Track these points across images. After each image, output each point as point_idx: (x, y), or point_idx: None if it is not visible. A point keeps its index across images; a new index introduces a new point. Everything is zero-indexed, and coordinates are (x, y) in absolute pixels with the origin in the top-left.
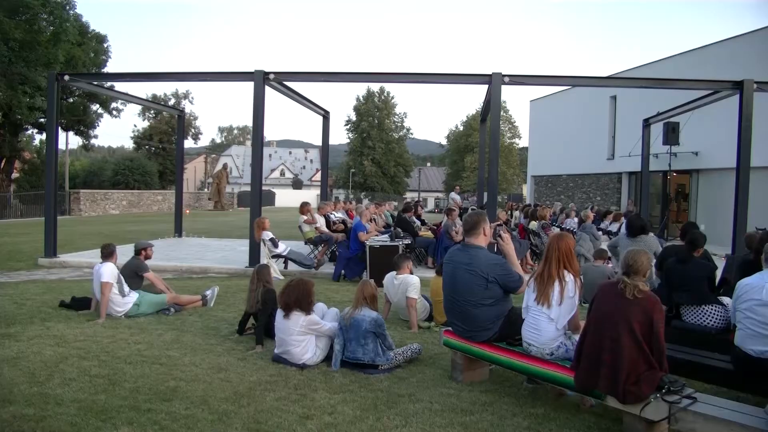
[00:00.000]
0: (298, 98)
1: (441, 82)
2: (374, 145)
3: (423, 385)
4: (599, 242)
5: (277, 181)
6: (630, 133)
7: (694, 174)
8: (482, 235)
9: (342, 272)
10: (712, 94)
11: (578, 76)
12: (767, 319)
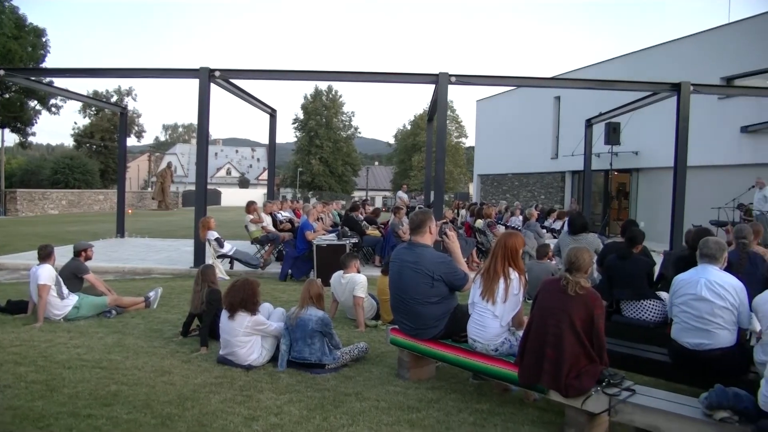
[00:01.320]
0: (245, 96)
1: (388, 81)
2: (322, 143)
3: (370, 384)
4: (543, 240)
5: (224, 180)
6: (573, 133)
7: (634, 173)
8: (428, 234)
9: (289, 272)
10: (651, 96)
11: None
12: (702, 312)
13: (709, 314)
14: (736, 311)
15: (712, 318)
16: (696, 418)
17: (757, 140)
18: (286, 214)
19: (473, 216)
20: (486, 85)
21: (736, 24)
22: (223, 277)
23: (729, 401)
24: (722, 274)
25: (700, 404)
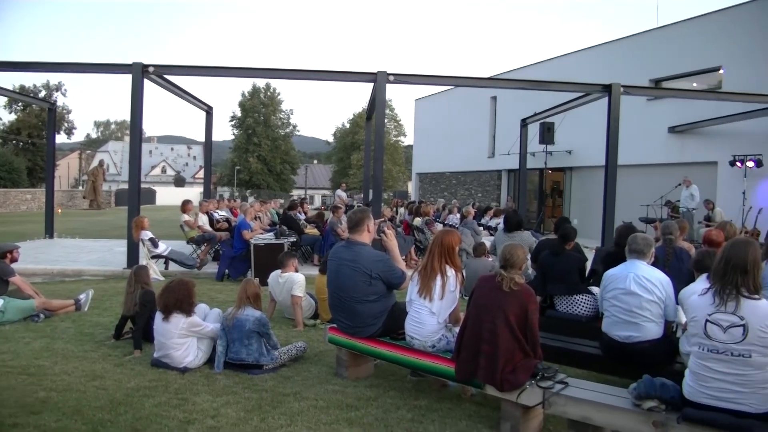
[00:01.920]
0: (180, 93)
1: (327, 80)
2: (260, 141)
3: (308, 383)
4: (480, 237)
5: (158, 178)
6: (509, 133)
7: (568, 171)
8: (366, 232)
9: (226, 272)
10: (584, 96)
11: (461, 76)
12: (631, 306)
13: (637, 308)
14: (663, 304)
15: (640, 311)
16: (625, 408)
17: (684, 140)
18: (223, 213)
19: (412, 214)
20: (424, 85)
21: (664, 28)
22: (158, 278)
23: (656, 391)
24: (649, 269)
25: (629, 395)
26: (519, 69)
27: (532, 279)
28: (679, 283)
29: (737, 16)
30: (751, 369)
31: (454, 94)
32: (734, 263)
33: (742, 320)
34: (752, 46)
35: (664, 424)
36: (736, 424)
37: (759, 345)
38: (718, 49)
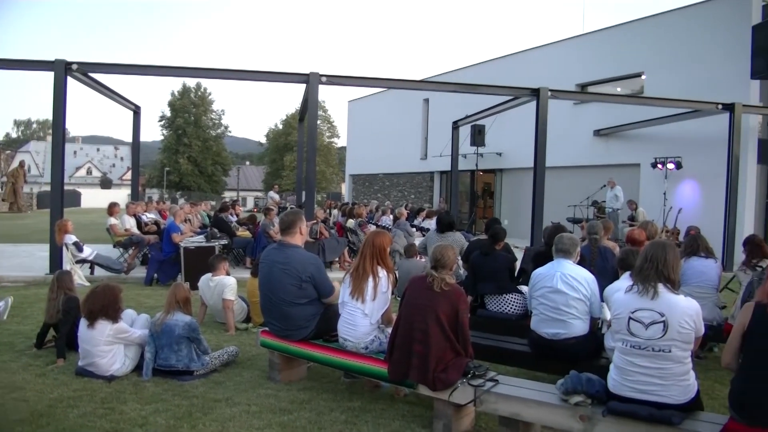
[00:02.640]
0: (106, 92)
1: (259, 80)
2: (190, 142)
3: (240, 388)
4: (413, 238)
5: (84, 180)
6: (441, 135)
7: (498, 173)
8: (299, 234)
9: (155, 276)
10: (513, 100)
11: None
12: (558, 304)
13: (564, 305)
14: (589, 302)
15: (567, 309)
16: (553, 404)
17: (608, 143)
18: (152, 215)
19: (345, 216)
20: (356, 86)
21: (590, 35)
22: (83, 284)
23: (582, 386)
24: (575, 268)
25: (557, 390)
26: (451, 72)
27: (464, 279)
28: (604, 281)
29: (658, 24)
30: (671, 363)
31: (387, 96)
32: (654, 263)
33: (662, 317)
34: (672, 52)
35: (591, 418)
36: (657, 415)
37: (679, 340)
38: (640, 55)
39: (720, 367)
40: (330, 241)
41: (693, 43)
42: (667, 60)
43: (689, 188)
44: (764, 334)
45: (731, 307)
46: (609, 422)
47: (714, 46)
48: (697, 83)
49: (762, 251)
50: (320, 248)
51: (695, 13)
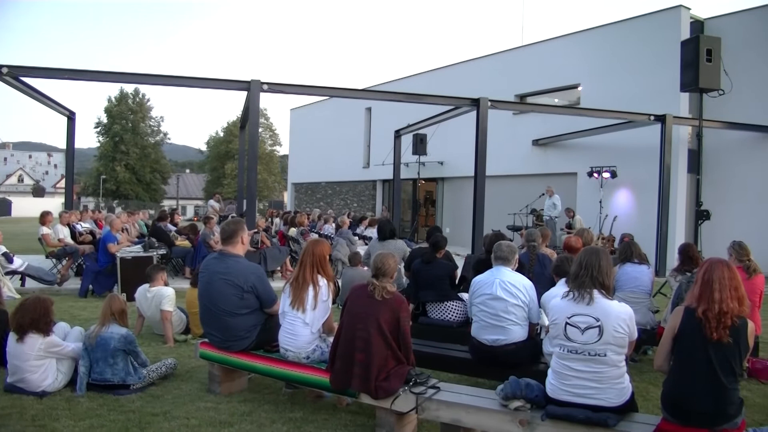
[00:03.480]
0: (39, 96)
1: (199, 87)
2: (128, 149)
3: (179, 401)
4: (355, 247)
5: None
6: (383, 143)
7: (440, 182)
8: (240, 244)
9: (90, 287)
10: (454, 109)
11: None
12: (497, 311)
13: (503, 312)
14: (527, 308)
15: (506, 315)
16: (493, 409)
17: (546, 152)
18: (87, 225)
19: (287, 224)
20: (298, 94)
21: (528, 47)
22: (13, 296)
23: (522, 391)
24: (514, 275)
25: (497, 396)
26: (393, 81)
27: (406, 287)
28: (542, 288)
29: (594, 38)
30: (606, 366)
31: (330, 105)
32: (589, 269)
33: (597, 321)
34: (607, 65)
35: (530, 422)
36: (593, 418)
37: (613, 344)
38: (577, 67)
39: (654, 369)
40: (272, 250)
41: (627, 57)
42: (602, 72)
43: (624, 196)
44: (693, 336)
45: (664, 311)
46: (547, 426)
47: (646, 59)
48: (630, 95)
49: (694, 261)
50: (262, 257)
51: (629, 28)
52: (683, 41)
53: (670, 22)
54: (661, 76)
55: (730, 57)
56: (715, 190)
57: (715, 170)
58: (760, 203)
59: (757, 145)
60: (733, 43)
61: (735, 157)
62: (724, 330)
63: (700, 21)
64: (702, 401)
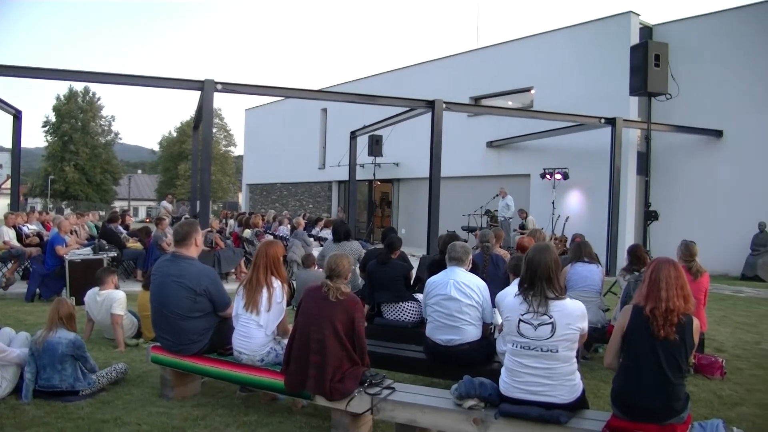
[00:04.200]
0: None
1: (151, 86)
2: (77, 149)
3: (130, 407)
4: (310, 248)
5: None
6: (339, 144)
7: (396, 183)
8: (194, 246)
9: (36, 291)
10: (409, 111)
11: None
12: (451, 311)
13: (457, 312)
14: (481, 308)
15: (460, 315)
16: (448, 409)
17: (500, 154)
18: (33, 226)
19: (241, 226)
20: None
21: (483, 50)
22: None
23: (475, 390)
24: (468, 275)
25: (451, 395)
26: (349, 82)
27: (361, 288)
28: (495, 287)
29: (546, 42)
30: (558, 362)
31: (285, 105)
32: (538, 272)
33: (550, 318)
34: (559, 69)
35: (484, 421)
36: (546, 415)
37: (565, 340)
38: (530, 70)
39: (604, 366)
40: (226, 251)
41: (579, 61)
42: (554, 76)
43: (575, 198)
44: (641, 334)
45: (614, 309)
46: (501, 424)
47: (598, 63)
48: (582, 98)
49: (642, 261)
50: (216, 259)
51: (581, 32)
52: (632, 46)
53: (620, 27)
54: (612, 80)
55: (677, 62)
56: (664, 191)
57: (664, 172)
58: (706, 204)
59: (703, 148)
60: (680, 48)
61: (682, 159)
62: (671, 327)
63: (649, 27)
64: (650, 397)
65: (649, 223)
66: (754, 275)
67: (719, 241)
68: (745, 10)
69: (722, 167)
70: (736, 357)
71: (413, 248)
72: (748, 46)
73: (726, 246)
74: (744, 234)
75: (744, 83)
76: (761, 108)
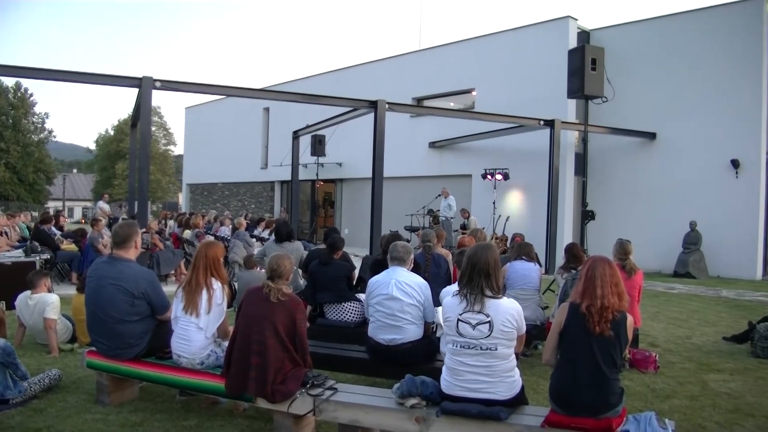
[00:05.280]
0: None
1: (86, 82)
2: (8, 147)
3: (64, 414)
4: (252, 249)
5: None
6: (282, 144)
7: (339, 183)
8: (133, 249)
9: None
10: (352, 111)
11: (231, 86)
12: (393, 310)
13: (399, 311)
14: (422, 307)
15: (402, 314)
16: (390, 408)
17: (442, 154)
18: None
19: (181, 227)
20: (193, 92)
21: (426, 51)
22: None
23: (417, 389)
24: (409, 275)
25: (393, 394)
26: (292, 82)
27: (303, 288)
28: (437, 287)
29: (488, 44)
30: (497, 360)
31: (227, 104)
32: (477, 267)
33: (488, 317)
34: (500, 71)
35: (425, 419)
36: (486, 412)
37: (503, 338)
38: (472, 72)
39: (543, 363)
40: (165, 253)
41: (519, 63)
42: (495, 77)
43: (516, 197)
44: (578, 331)
45: (553, 307)
46: (442, 422)
47: (537, 66)
48: (522, 100)
49: (578, 259)
50: (155, 261)
51: (521, 36)
52: (570, 50)
53: (558, 32)
54: (551, 82)
55: (613, 66)
56: (600, 191)
57: (600, 173)
58: (640, 203)
59: (638, 150)
60: (616, 53)
61: (618, 160)
62: (606, 324)
63: (587, 32)
64: (586, 392)
65: (586, 222)
66: (685, 272)
67: (653, 240)
68: (676, 18)
69: (655, 168)
70: (668, 351)
71: (357, 248)
72: (678, 51)
73: (659, 244)
74: (676, 233)
75: (676, 87)
76: (692, 111)
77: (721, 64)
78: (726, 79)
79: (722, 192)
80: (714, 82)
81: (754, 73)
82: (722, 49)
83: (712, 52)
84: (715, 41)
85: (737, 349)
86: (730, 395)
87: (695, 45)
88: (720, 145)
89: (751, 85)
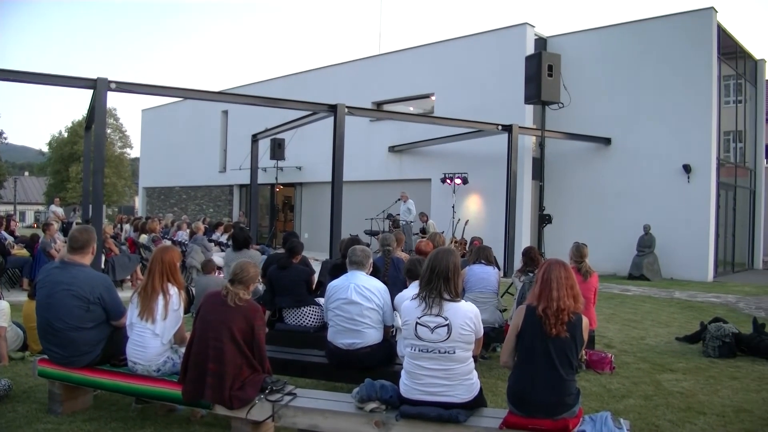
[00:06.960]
0: None
1: (39, 83)
2: None
3: (15, 425)
4: (210, 253)
5: None
6: (240, 148)
7: (299, 187)
8: (90, 254)
9: None
10: (312, 115)
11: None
12: (352, 315)
13: (358, 315)
14: (381, 311)
15: (361, 319)
16: (350, 412)
17: (401, 158)
18: None
19: (137, 231)
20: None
21: (386, 55)
22: None
23: (376, 393)
24: (368, 279)
25: (353, 399)
26: (251, 85)
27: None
28: (396, 290)
29: (447, 50)
30: (455, 363)
31: (185, 107)
32: (437, 271)
33: (446, 321)
34: (459, 76)
35: (385, 423)
36: (444, 415)
37: (461, 341)
38: (431, 77)
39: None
40: (121, 258)
41: (478, 69)
42: (454, 83)
43: (474, 202)
44: (534, 333)
45: (511, 309)
46: (402, 426)
47: (495, 72)
48: (481, 105)
49: (535, 262)
50: (110, 266)
51: (480, 41)
52: (527, 56)
53: (516, 38)
54: (509, 88)
55: (569, 73)
56: (557, 195)
57: (557, 177)
58: (595, 207)
59: (593, 155)
60: (572, 60)
61: (574, 165)
62: (562, 326)
63: (544, 38)
64: (543, 393)
65: (544, 225)
66: (640, 275)
67: (608, 243)
68: (630, 26)
69: (610, 173)
70: (623, 352)
71: (316, 252)
72: (633, 59)
73: (614, 247)
74: (630, 236)
75: (630, 94)
76: (646, 117)
77: (673, 72)
78: (678, 86)
79: (675, 196)
80: (667, 90)
81: (705, 81)
82: (674, 57)
83: (665, 60)
84: (668, 50)
85: (689, 349)
86: (683, 394)
87: (649, 53)
88: (672, 150)
89: (702, 92)
